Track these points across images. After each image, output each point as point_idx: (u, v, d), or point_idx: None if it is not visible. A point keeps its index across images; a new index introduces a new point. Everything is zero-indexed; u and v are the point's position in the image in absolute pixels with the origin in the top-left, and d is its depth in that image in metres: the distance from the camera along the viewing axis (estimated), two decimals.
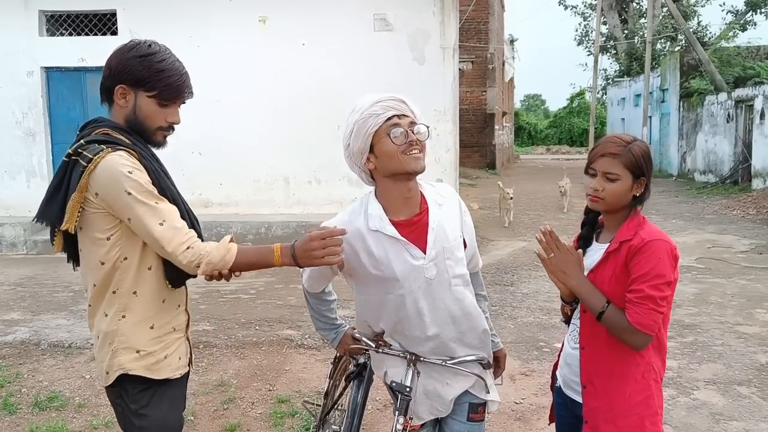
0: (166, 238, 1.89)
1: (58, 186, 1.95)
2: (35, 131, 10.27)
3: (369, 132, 2.03)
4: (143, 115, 2.01)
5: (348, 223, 2.10)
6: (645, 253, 1.97)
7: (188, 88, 2.05)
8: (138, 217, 1.89)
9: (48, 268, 8.19)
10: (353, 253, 2.10)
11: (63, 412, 4.12)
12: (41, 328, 5.76)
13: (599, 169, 2.06)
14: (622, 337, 2.00)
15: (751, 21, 28.99)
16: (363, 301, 2.22)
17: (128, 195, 1.87)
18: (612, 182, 2.04)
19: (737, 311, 6.18)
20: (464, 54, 20.52)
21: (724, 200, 14.39)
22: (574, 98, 47.31)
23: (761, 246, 9.42)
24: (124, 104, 2.00)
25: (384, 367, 2.28)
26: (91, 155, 1.89)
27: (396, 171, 2.05)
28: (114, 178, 1.87)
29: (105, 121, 2.02)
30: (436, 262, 2.09)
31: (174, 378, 2.09)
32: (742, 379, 4.58)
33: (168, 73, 1.98)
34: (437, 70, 9.65)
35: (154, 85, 1.97)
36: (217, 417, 4.04)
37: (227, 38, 9.86)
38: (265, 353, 5.14)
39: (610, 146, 2.06)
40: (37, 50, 10.09)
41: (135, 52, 1.97)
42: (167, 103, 2.02)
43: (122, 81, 1.98)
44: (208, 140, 9.81)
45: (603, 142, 2.11)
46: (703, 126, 19.55)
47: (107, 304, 2.00)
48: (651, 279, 1.95)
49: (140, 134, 2.03)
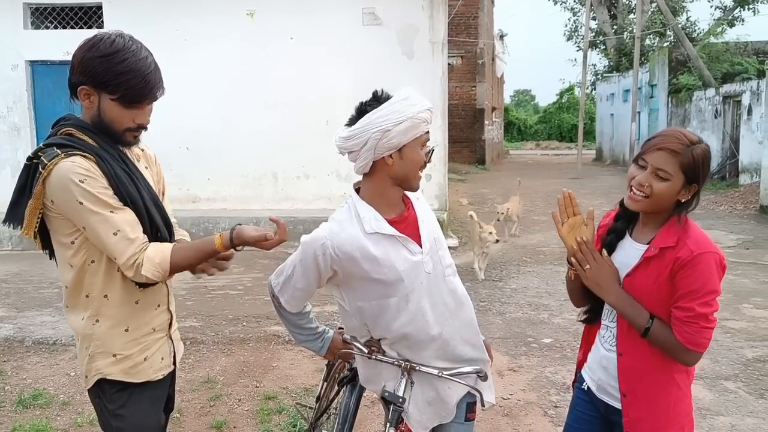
0: (118, 250, 1.84)
1: (22, 190, 1.90)
2: (20, 126, 10.16)
3: (415, 135, 1.97)
4: (108, 118, 1.90)
5: (339, 232, 1.99)
6: (695, 268, 1.81)
7: (154, 89, 1.90)
8: (91, 227, 1.84)
9: (33, 264, 8.10)
10: (351, 262, 1.99)
11: (47, 409, 4.07)
12: (26, 325, 5.70)
13: (652, 163, 1.85)
14: (671, 355, 1.86)
15: (739, 17, 29.15)
16: (359, 309, 2.08)
17: (80, 205, 1.81)
18: (662, 181, 1.84)
19: (724, 306, 6.19)
20: (454, 49, 20.50)
21: (711, 196, 14.46)
22: (563, 93, 47.44)
23: (748, 241, 9.47)
24: (89, 105, 1.90)
25: (376, 381, 2.19)
26: (46, 161, 1.82)
27: (407, 180, 2.03)
28: (65, 187, 1.81)
29: (71, 120, 1.95)
30: (431, 254, 2.07)
31: (154, 380, 2.06)
32: (728, 374, 4.59)
33: (130, 75, 1.83)
34: (426, 64, 9.62)
35: (116, 89, 1.85)
36: (204, 414, 4.00)
37: (215, 32, 9.78)
38: (252, 350, 5.10)
39: (671, 141, 1.85)
40: (22, 43, 9.97)
41: (96, 50, 1.84)
42: (132, 105, 1.89)
43: (84, 82, 1.87)
44: (196, 135, 9.74)
45: (664, 134, 1.90)
46: (691, 121, 19.64)
47: (82, 308, 1.97)
48: (702, 296, 1.80)
49: (107, 135, 1.94)
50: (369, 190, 2.04)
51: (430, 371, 2.09)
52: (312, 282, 2.05)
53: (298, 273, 2.05)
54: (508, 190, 13.93)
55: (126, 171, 1.95)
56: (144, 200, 1.95)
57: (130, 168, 1.98)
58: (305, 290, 2.09)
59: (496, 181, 18.86)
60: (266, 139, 9.88)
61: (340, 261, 1.98)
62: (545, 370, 4.69)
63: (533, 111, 59.47)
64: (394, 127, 1.92)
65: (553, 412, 4.01)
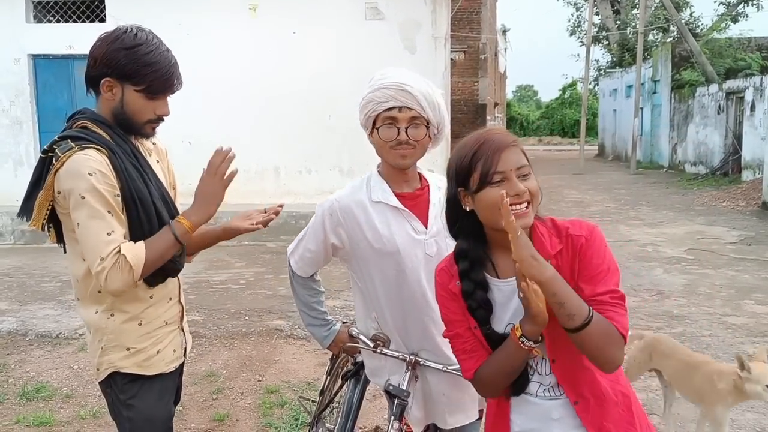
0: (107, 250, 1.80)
1: (36, 183, 1.90)
2: (22, 120, 10.17)
3: (369, 115, 2.03)
4: (131, 110, 1.92)
5: (349, 195, 2.10)
6: (595, 245, 1.59)
7: (177, 80, 1.96)
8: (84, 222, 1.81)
9: (36, 258, 8.12)
10: (356, 226, 2.06)
11: (50, 402, 4.09)
12: (28, 318, 5.72)
13: (509, 168, 1.54)
14: (605, 352, 1.52)
15: (742, 13, 29.02)
16: (365, 290, 2.14)
17: (81, 199, 1.81)
18: (528, 179, 1.57)
19: (725, 302, 6.20)
20: (456, 44, 20.45)
21: (714, 192, 14.44)
22: (566, 89, 47.42)
23: (750, 237, 9.46)
24: (111, 97, 1.92)
25: (381, 375, 2.21)
26: (60, 153, 1.83)
27: (382, 156, 2.07)
28: (74, 179, 1.81)
29: (86, 113, 1.96)
30: (437, 239, 2.06)
31: (167, 372, 2.07)
32: None
33: (156, 66, 1.88)
34: (428, 59, 9.61)
35: (142, 80, 1.87)
36: (206, 407, 4.02)
37: (217, 26, 9.78)
38: (254, 344, 5.12)
39: (503, 137, 1.58)
40: (24, 37, 9.97)
41: (120, 43, 1.87)
42: (156, 96, 1.93)
43: (108, 74, 1.88)
44: (198, 130, 9.74)
45: (489, 137, 1.59)
46: (694, 117, 19.61)
47: (96, 302, 1.97)
48: (614, 273, 1.58)
49: (128, 127, 1.96)
50: (381, 167, 2.13)
51: (435, 365, 2.09)
52: (320, 245, 2.14)
53: (309, 234, 2.18)
54: None
55: (136, 167, 1.95)
56: (152, 196, 1.95)
57: (141, 163, 1.98)
58: (314, 253, 2.18)
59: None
60: (268, 134, 9.88)
61: (345, 225, 2.06)
62: None
63: (535, 106, 59.43)
64: (359, 108, 2.06)
65: None
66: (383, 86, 1.99)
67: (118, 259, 1.80)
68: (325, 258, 2.20)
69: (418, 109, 1.99)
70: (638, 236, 9.72)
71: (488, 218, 1.58)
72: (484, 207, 1.56)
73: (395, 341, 2.14)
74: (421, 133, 2.02)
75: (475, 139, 1.60)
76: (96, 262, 1.80)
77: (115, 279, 1.80)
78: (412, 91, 1.98)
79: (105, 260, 1.80)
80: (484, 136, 1.60)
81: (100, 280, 1.82)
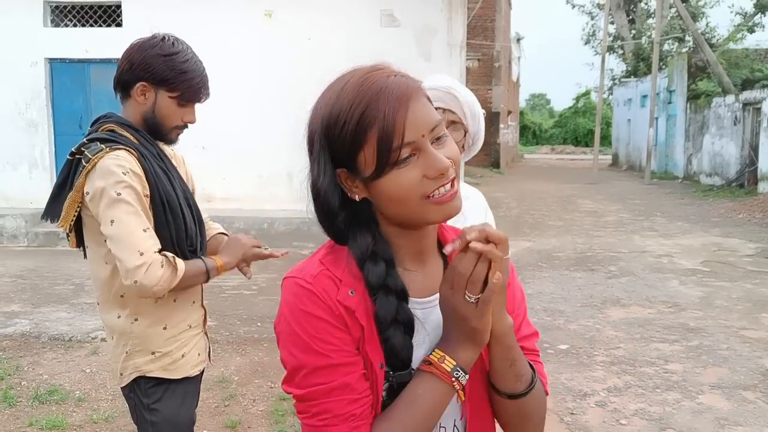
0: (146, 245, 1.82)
1: (62, 184, 1.94)
2: (38, 122, 10.24)
3: None
4: (162, 114, 1.99)
5: None
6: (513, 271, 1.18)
7: (207, 90, 2.05)
8: (120, 219, 1.82)
9: (49, 260, 8.16)
10: None
11: (63, 405, 4.09)
12: (41, 320, 5.73)
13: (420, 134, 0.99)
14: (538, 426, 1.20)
15: (759, 23, 28.88)
16: None
17: (117, 196, 1.82)
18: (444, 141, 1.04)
19: (743, 315, 6.12)
20: (470, 51, 20.44)
21: (729, 203, 14.31)
22: (579, 98, 47.28)
23: (767, 250, 9.35)
24: (143, 101, 1.97)
25: None
26: (90, 155, 1.87)
27: None
28: (106, 179, 1.84)
29: (113, 117, 2.00)
30: None
31: (191, 375, 2.08)
32: (747, 383, 4.53)
33: (191, 74, 1.97)
34: (443, 66, 9.57)
35: (177, 86, 1.95)
36: (218, 413, 4.00)
37: (233, 32, 9.82)
38: (266, 350, 5.10)
39: (401, 80, 1.05)
40: (42, 41, 10.05)
41: (159, 50, 1.94)
42: (186, 103, 2.01)
43: (144, 78, 1.95)
44: (212, 134, 9.74)
45: (379, 80, 1.04)
46: (709, 128, 19.46)
47: (119, 307, 1.97)
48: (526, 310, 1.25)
49: (155, 132, 2.01)
50: None
51: None
52: None
53: None
54: (523, 194, 13.88)
55: (164, 169, 1.99)
56: (179, 198, 1.99)
57: (167, 166, 2.03)
58: None
59: (511, 185, 18.79)
60: (282, 140, 9.82)
61: None
62: (561, 377, 4.64)
63: (548, 115, 59.25)
64: None
65: (570, 419, 3.96)
66: (433, 87, 1.94)
67: (164, 259, 1.83)
68: None
69: (461, 114, 2.00)
70: (653, 247, 9.63)
71: (398, 213, 1.03)
72: (390, 198, 1.01)
73: None
74: (459, 137, 2.00)
75: (357, 89, 1.01)
76: (134, 256, 1.80)
77: (154, 276, 1.80)
78: (459, 97, 1.99)
79: (145, 255, 1.80)
80: (371, 81, 1.03)
81: (137, 274, 1.78)
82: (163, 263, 1.83)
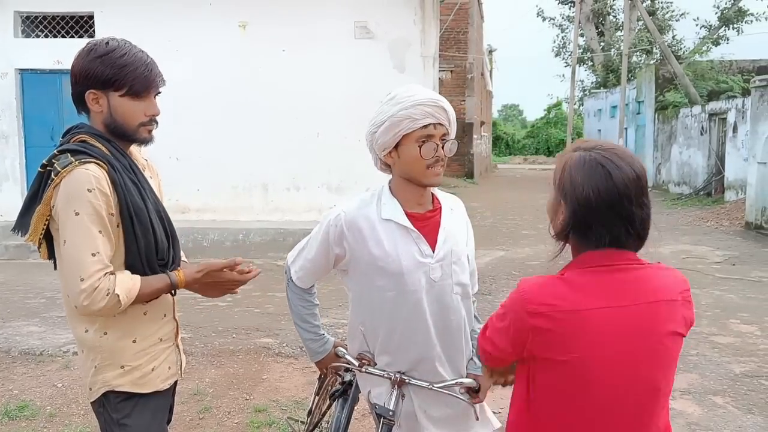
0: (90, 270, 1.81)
1: (33, 197, 1.90)
2: (8, 134, 10.08)
3: (400, 133, 1.95)
4: (121, 116, 1.94)
5: (357, 209, 2.04)
6: None
7: (158, 76, 1.98)
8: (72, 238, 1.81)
9: (20, 273, 8.01)
10: (361, 240, 2.01)
11: (33, 421, 4.02)
12: (12, 335, 5.63)
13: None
14: None
15: (723, 36, 29.60)
16: (360, 296, 2.10)
17: (75, 215, 1.81)
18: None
19: (712, 321, 6.25)
20: (443, 63, 20.62)
21: (698, 211, 14.60)
22: (551, 109, 47.83)
23: (734, 257, 9.56)
24: (99, 109, 1.93)
25: (368, 387, 2.18)
26: (60, 168, 1.83)
27: (413, 176, 2.01)
28: (71, 194, 1.81)
29: (84, 127, 1.97)
30: (442, 264, 2.02)
31: (162, 389, 2.05)
32: (717, 389, 4.62)
33: (133, 65, 1.90)
34: (417, 78, 9.66)
35: (123, 82, 1.90)
36: (193, 426, 3.97)
37: (207, 43, 9.79)
38: (242, 362, 5.07)
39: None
40: (12, 52, 9.92)
41: (94, 53, 1.90)
42: (141, 97, 1.94)
43: (90, 86, 1.91)
44: (186, 145, 9.71)
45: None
46: (677, 138, 19.85)
47: (87, 321, 1.94)
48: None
49: (122, 135, 1.97)
50: (393, 185, 2.08)
51: (420, 383, 2.05)
52: (321, 256, 2.10)
53: (311, 244, 2.14)
54: (497, 204, 13.98)
55: (134, 181, 1.95)
56: (149, 211, 1.95)
57: (138, 178, 1.98)
58: (314, 263, 2.14)
59: (485, 195, 18.94)
60: (257, 151, 9.87)
61: (349, 238, 2.02)
62: None
63: (521, 126, 59.88)
64: (378, 128, 1.98)
65: None
66: (419, 102, 1.94)
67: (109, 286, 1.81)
68: (325, 269, 2.16)
69: (447, 125, 2.00)
70: None
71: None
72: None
73: (384, 359, 2.11)
74: (452, 151, 2.02)
75: None
76: (76, 282, 1.79)
77: (95, 303, 1.81)
78: (446, 107, 1.99)
79: (86, 281, 1.79)
80: None
81: (77, 300, 1.80)
82: (109, 290, 1.81)
